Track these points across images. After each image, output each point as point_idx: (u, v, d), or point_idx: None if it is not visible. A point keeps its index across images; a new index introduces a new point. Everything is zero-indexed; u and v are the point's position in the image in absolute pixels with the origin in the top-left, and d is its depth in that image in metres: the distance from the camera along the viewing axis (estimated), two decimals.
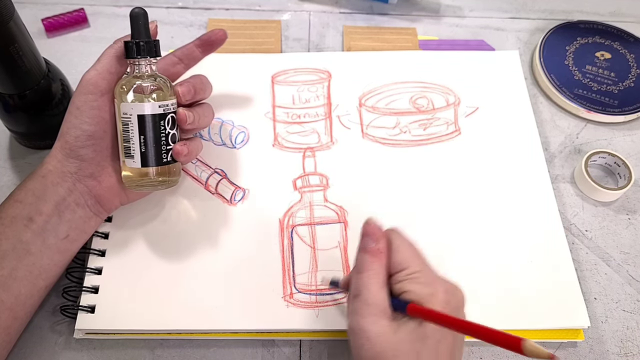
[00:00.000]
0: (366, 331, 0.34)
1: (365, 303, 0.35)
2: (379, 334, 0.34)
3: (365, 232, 0.38)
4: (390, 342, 0.34)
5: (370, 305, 0.35)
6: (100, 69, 0.42)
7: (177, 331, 0.44)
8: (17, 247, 0.40)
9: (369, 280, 0.36)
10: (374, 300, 0.35)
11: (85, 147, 0.42)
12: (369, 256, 0.37)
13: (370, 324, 0.34)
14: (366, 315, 0.35)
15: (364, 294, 0.35)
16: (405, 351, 0.33)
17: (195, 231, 0.48)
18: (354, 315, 0.35)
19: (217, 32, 0.47)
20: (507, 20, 0.66)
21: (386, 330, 0.34)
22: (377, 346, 0.34)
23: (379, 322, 0.34)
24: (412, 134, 0.54)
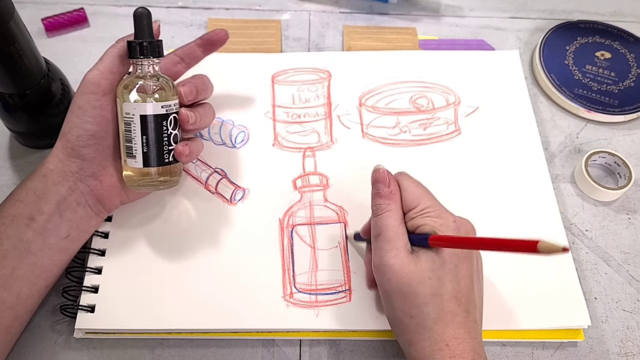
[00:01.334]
0: (391, 265, 0.37)
1: (387, 240, 0.38)
2: (402, 266, 0.37)
3: (375, 179, 0.41)
4: (414, 271, 0.37)
5: (391, 241, 0.38)
6: (103, 69, 0.42)
7: (177, 331, 0.44)
8: (18, 247, 0.40)
9: (387, 220, 0.39)
10: (394, 236, 0.38)
11: (86, 147, 0.42)
12: (384, 199, 0.40)
13: (393, 258, 0.37)
14: (388, 250, 0.38)
15: (384, 232, 0.39)
16: (428, 277, 0.37)
17: (195, 231, 0.48)
18: (377, 253, 0.39)
19: (219, 32, 0.47)
20: (507, 20, 0.66)
21: (408, 262, 0.37)
22: (403, 277, 0.37)
23: (401, 256, 0.37)
24: (412, 134, 0.54)
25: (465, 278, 0.38)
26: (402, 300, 0.37)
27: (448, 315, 0.37)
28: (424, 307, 0.37)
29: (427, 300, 0.36)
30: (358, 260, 0.47)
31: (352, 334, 0.45)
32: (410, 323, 0.37)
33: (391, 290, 0.38)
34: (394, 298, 0.38)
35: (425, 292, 0.37)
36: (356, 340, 0.45)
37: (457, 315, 0.37)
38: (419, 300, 0.37)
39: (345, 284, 0.46)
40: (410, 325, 0.37)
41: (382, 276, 0.38)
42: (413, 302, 0.37)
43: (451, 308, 0.37)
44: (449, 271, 0.37)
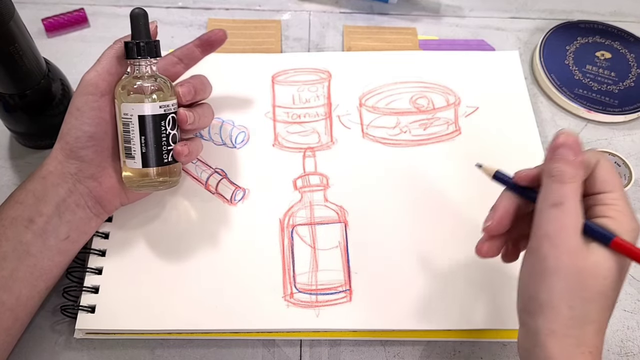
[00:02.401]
0: (570, 243, 0.32)
1: (569, 214, 0.33)
2: (582, 249, 0.32)
3: (563, 142, 0.35)
4: (596, 262, 0.32)
5: (573, 216, 0.33)
6: (100, 70, 0.42)
7: (177, 331, 0.44)
8: (17, 249, 0.40)
9: (571, 192, 0.33)
10: (577, 214, 0.33)
11: (85, 148, 0.42)
12: (572, 168, 0.34)
13: (573, 236, 0.33)
14: (569, 225, 0.33)
15: (567, 204, 0.33)
16: (603, 276, 0.32)
17: (196, 231, 0.48)
18: (554, 223, 0.33)
19: (217, 32, 0.47)
20: (507, 20, 0.66)
21: (587, 248, 0.33)
22: (579, 260, 0.32)
23: (579, 237, 0.33)
24: (412, 134, 0.54)
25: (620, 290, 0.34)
26: (568, 284, 0.32)
27: (603, 322, 0.33)
28: (588, 304, 0.32)
29: (595, 298, 0.32)
30: (358, 260, 0.47)
31: (352, 334, 0.45)
32: (566, 313, 0.32)
33: (559, 268, 0.32)
34: (558, 278, 0.32)
35: (598, 289, 0.32)
36: (356, 340, 0.45)
37: (604, 325, 0.33)
38: (587, 294, 0.32)
39: (346, 284, 0.46)
40: (564, 315, 0.32)
41: (554, 250, 0.33)
42: (580, 292, 0.32)
43: (607, 316, 0.33)
44: (620, 279, 0.33)
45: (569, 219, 0.33)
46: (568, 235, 0.33)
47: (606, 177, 0.34)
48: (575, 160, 0.34)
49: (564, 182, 0.34)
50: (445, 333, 0.45)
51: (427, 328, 0.44)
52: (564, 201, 0.33)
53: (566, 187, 0.34)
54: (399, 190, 0.51)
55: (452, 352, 0.45)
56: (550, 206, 0.34)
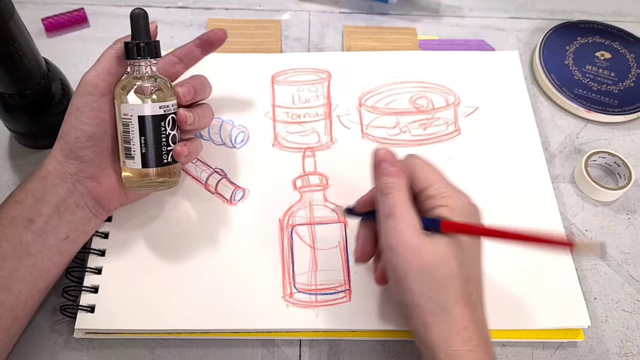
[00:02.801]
0: (410, 245, 0.35)
1: (402, 219, 0.36)
2: (420, 247, 0.35)
3: (380, 158, 0.39)
4: (434, 252, 0.35)
5: (406, 220, 0.36)
6: (100, 70, 0.42)
7: (177, 331, 0.44)
8: (17, 248, 0.40)
9: (399, 199, 0.37)
10: (409, 216, 0.36)
11: (85, 148, 0.42)
12: (392, 177, 0.38)
13: (411, 238, 0.35)
14: (404, 230, 0.36)
15: (397, 212, 0.36)
16: (447, 260, 0.35)
17: (195, 231, 0.48)
18: (391, 234, 0.36)
19: (217, 32, 0.47)
20: (507, 20, 0.66)
21: (426, 243, 0.35)
22: (422, 258, 0.35)
23: (418, 236, 0.35)
24: (412, 134, 0.54)
25: (478, 262, 0.38)
26: (421, 281, 0.35)
27: (466, 298, 0.36)
28: (443, 290, 0.35)
29: (445, 283, 0.35)
30: None
31: (352, 334, 0.45)
32: (427, 305, 0.35)
33: (409, 271, 0.35)
34: (412, 280, 0.35)
35: (445, 274, 0.35)
36: (356, 340, 0.45)
37: (471, 297, 0.36)
38: (438, 283, 0.35)
39: (345, 284, 0.46)
40: (427, 307, 0.35)
41: (399, 258, 0.36)
42: (432, 284, 0.35)
43: (468, 291, 0.36)
44: (467, 254, 0.36)
45: (403, 224, 0.36)
46: (407, 239, 0.35)
47: (424, 174, 0.38)
48: (394, 170, 0.38)
49: (390, 193, 0.37)
50: None
51: None
52: (394, 210, 0.36)
53: (393, 197, 0.37)
54: None
55: None
56: (385, 218, 0.37)
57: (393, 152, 0.39)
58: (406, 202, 0.37)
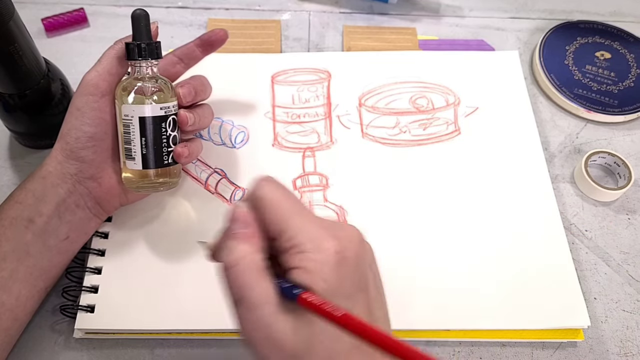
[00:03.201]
0: (270, 339, 0.28)
1: (254, 307, 0.28)
2: (284, 337, 0.28)
3: (232, 217, 0.30)
4: (301, 340, 0.28)
5: (259, 306, 0.28)
6: (101, 70, 0.41)
7: (177, 331, 0.44)
8: (17, 249, 0.40)
9: (245, 277, 0.29)
10: (262, 300, 0.28)
11: (85, 149, 0.42)
12: (238, 242, 0.29)
13: (269, 330, 0.28)
14: (260, 319, 0.28)
15: (247, 296, 0.28)
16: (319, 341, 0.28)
17: (195, 231, 0.48)
18: (246, 326, 0.29)
19: (218, 32, 0.47)
20: (507, 20, 0.66)
21: (287, 328, 0.28)
22: (286, 351, 0.28)
23: (278, 323, 0.28)
24: (412, 134, 0.54)
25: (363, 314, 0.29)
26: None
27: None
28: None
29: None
30: None
31: None
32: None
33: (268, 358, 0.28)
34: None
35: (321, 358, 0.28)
36: None
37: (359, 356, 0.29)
38: None
39: None
40: None
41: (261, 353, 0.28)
42: None
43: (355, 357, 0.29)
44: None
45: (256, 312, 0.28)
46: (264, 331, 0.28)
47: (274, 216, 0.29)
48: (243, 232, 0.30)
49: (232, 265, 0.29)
50: (444, 333, 0.45)
51: (427, 328, 0.44)
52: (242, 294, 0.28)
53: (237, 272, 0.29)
54: (399, 190, 0.51)
55: (451, 352, 0.45)
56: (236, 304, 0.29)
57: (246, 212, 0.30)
58: (255, 277, 0.28)
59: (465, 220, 0.49)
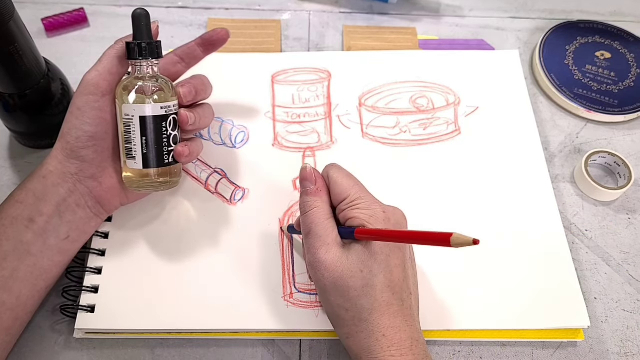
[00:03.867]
0: (323, 262, 0.37)
1: (317, 237, 0.38)
2: (334, 261, 0.37)
3: (302, 177, 0.41)
4: (346, 265, 0.37)
5: (321, 237, 0.38)
6: (102, 70, 0.41)
7: (177, 331, 0.44)
8: (18, 248, 0.40)
9: (315, 217, 0.39)
10: (324, 232, 0.38)
11: (86, 148, 0.42)
12: (311, 196, 0.40)
13: (324, 254, 0.38)
14: (319, 247, 0.38)
15: (314, 229, 0.39)
16: (360, 270, 0.37)
17: (195, 231, 0.48)
18: (310, 251, 0.38)
19: (219, 32, 0.46)
20: (507, 20, 0.66)
21: (339, 256, 0.37)
22: (335, 272, 0.37)
23: (332, 251, 0.38)
24: (412, 134, 0.54)
25: (398, 267, 0.38)
26: (337, 294, 0.37)
27: (383, 306, 0.37)
28: (357, 300, 0.37)
29: (359, 293, 0.37)
30: None
31: None
32: (347, 316, 0.37)
33: (325, 286, 0.38)
34: (330, 293, 0.38)
35: (357, 285, 0.37)
36: None
37: (391, 305, 0.37)
38: (352, 294, 0.37)
39: None
40: (347, 318, 0.38)
41: (316, 273, 0.38)
42: (347, 296, 0.37)
43: (385, 298, 0.37)
44: (380, 262, 0.37)
45: (319, 241, 0.38)
46: (322, 256, 0.38)
47: (339, 188, 0.40)
48: (313, 188, 0.40)
49: (308, 211, 0.40)
50: (444, 333, 0.45)
51: (427, 328, 0.44)
52: (311, 228, 0.39)
53: (310, 215, 0.39)
54: (399, 190, 0.51)
55: (451, 352, 0.45)
56: (305, 237, 0.40)
57: (313, 171, 0.41)
58: (323, 218, 0.39)
59: (466, 220, 0.49)
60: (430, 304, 0.45)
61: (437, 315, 0.45)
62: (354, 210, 0.39)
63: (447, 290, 0.46)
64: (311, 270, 0.39)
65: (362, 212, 0.39)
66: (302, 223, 0.40)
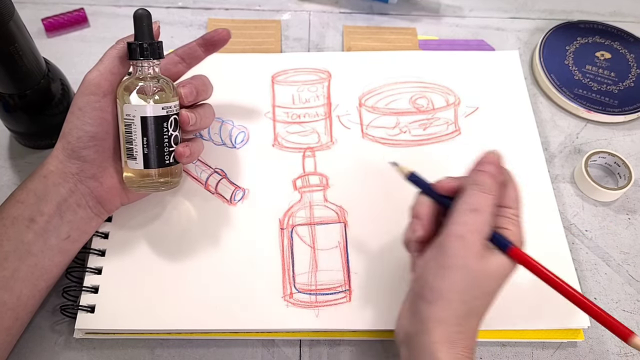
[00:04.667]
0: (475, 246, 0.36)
1: (483, 221, 0.37)
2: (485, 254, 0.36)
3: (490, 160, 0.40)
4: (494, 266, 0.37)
5: (485, 224, 0.37)
6: (103, 70, 0.41)
7: (177, 331, 0.44)
8: (18, 248, 0.40)
9: (490, 203, 0.37)
10: (489, 222, 0.37)
11: (87, 148, 0.42)
12: (495, 183, 0.38)
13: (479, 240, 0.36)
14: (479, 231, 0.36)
15: (483, 212, 0.37)
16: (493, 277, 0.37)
17: (195, 231, 0.48)
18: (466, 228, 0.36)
19: (221, 32, 0.46)
20: (507, 20, 0.66)
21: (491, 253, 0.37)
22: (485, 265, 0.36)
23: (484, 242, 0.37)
24: (412, 134, 0.54)
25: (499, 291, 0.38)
26: (465, 282, 0.36)
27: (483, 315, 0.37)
28: (477, 300, 0.36)
29: (483, 296, 0.37)
30: (358, 260, 0.47)
31: (352, 334, 0.45)
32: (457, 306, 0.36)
33: (463, 266, 0.36)
34: (460, 275, 0.36)
35: (487, 289, 0.37)
36: (356, 340, 0.45)
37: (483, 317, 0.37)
38: (478, 292, 0.36)
39: (345, 284, 0.46)
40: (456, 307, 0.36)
41: (463, 250, 0.36)
42: (472, 291, 0.36)
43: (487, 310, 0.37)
44: (506, 282, 0.38)
45: (482, 225, 0.37)
46: (478, 239, 0.36)
47: (513, 195, 0.39)
48: (498, 177, 0.39)
49: (485, 192, 0.38)
50: None
51: None
52: (481, 208, 0.37)
53: (486, 197, 0.38)
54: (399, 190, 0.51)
55: None
56: (469, 210, 0.37)
57: (503, 161, 0.40)
58: (493, 208, 0.38)
59: None
60: None
61: None
62: (511, 223, 0.38)
63: None
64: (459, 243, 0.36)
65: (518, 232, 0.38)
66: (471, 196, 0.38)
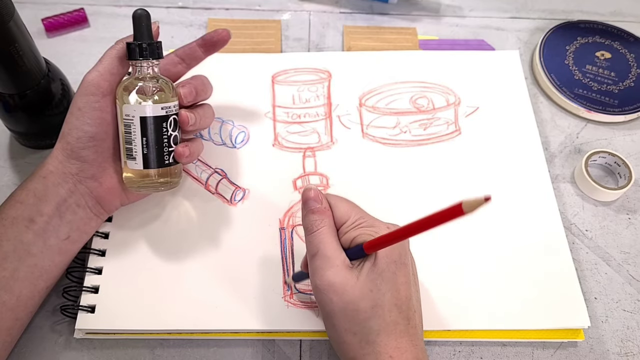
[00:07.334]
0: (332, 284, 0.36)
1: (325, 257, 0.37)
2: (344, 284, 0.36)
3: (307, 197, 0.39)
4: (355, 287, 0.36)
5: (330, 258, 0.37)
6: (102, 70, 0.41)
7: (177, 331, 0.44)
8: (18, 248, 0.40)
9: (323, 236, 0.38)
10: (333, 253, 0.37)
11: (86, 149, 0.42)
12: (317, 215, 0.38)
13: (334, 276, 0.36)
14: (328, 268, 0.36)
15: (322, 250, 0.37)
16: (369, 290, 0.36)
17: (195, 231, 0.48)
18: (317, 272, 0.37)
19: (221, 32, 0.46)
20: (507, 20, 0.66)
21: (349, 278, 0.36)
22: (345, 295, 0.36)
23: (342, 273, 0.36)
24: (412, 134, 0.54)
25: (404, 284, 0.37)
26: (345, 318, 0.36)
27: (390, 326, 0.36)
28: (366, 322, 0.36)
29: (369, 315, 0.36)
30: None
31: None
32: (353, 340, 0.36)
33: (333, 310, 0.36)
34: (337, 318, 0.36)
35: (367, 306, 0.36)
36: None
37: (398, 324, 0.36)
38: (362, 316, 0.36)
39: None
40: (353, 342, 0.36)
41: (324, 296, 0.36)
42: (356, 319, 0.36)
43: (393, 318, 0.36)
44: (387, 280, 0.36)
45: (327, 262, 0.36)
46: (330, 278, 0.36)
47: (339, 211, 0.39)
48: (319, 207, 0.39)
49: (315, 230, 0.38)
50: (444, 333, 0.45)
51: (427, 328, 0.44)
52: (319, 248, 0.37)
53: (317, 235, 0.38)
54: (399, 190, 0.51)
55: (452, 352, 0.45)
56: (311, 258, 0.38)
57: (319, 192, 0.40)
58: (331, 239, 0.38)
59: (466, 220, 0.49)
60: (431, 304, 0.45)
61: (437, 315, 0.45)
62: (357, 229, 0.38)
63: (447, 290, 0.46)
64: (318, 295, 0.37)
65: (366, 229, 0.38)
66: (308, 244, 0.38)
